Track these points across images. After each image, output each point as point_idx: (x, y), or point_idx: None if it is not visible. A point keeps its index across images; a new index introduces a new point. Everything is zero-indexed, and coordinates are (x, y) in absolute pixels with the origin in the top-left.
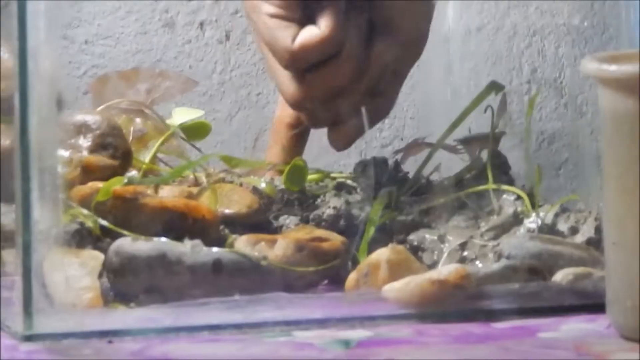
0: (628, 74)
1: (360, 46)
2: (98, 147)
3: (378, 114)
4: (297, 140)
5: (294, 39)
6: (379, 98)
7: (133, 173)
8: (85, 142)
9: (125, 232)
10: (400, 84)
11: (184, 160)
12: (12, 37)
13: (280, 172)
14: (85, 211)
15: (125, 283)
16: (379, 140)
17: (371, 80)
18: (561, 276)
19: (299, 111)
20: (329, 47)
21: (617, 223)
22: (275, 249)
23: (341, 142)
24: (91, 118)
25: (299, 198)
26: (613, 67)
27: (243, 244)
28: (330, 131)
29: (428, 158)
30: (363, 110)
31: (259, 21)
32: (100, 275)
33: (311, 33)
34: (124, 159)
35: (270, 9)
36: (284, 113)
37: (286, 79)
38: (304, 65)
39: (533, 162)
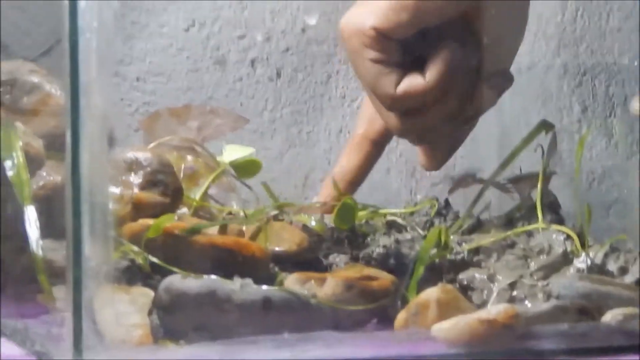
0: None
1: (464, 91)
2: (149, 184)
3: (467, 133)
4: (376, 155)
5: (396, 85)
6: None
7: (183, 210)
8: (136, 179)
9: (175, 269)
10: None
11: (234, 197)
12: (63, 74)
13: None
14: (135, 248)
15: (174, 320)
16: (429, 178)
17: (473, 115)
18: (610, 316)
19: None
20: (432, 96)
21: None
22: (324, 287)
23: (436, 163)
24: (142, 155)
25: (348, 236)
26: None
27: (292, 282)
28: (423, 152)
29: (478, 196)
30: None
31: (361, 66)
32: (150, 313)
33: (415, 82)
34: (175, 196)
35: (373, 54)
36: (371, 129)
37: (389, 115)
38: (405, 109)
39: (583, 202)
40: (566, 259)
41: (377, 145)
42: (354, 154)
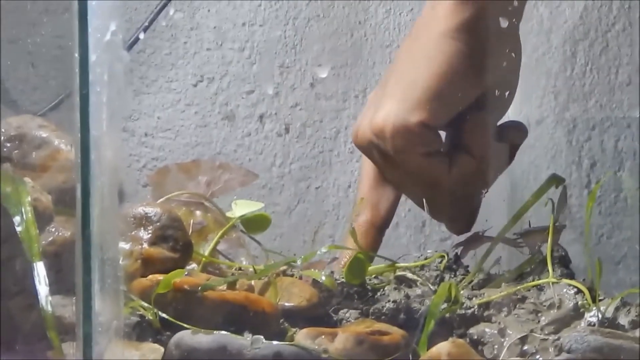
0: None
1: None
2: (158, 239)
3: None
4: (380, 242)
5: (449, 171)
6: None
7: (193, 266)
8: (146, 234)
9: (185, 325)
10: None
11: (244, 253)
12: (73, 129)
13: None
14: (145, 304)
15: None
16: (439, 233)
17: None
18: None
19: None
20: (484, 173)
21: None
22: (335, 342)
23: (461, 228)
24: (152, 210)
25: (358, 291)
26: None
27: (303, 337)
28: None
29: (488, 252)
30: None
31: (412, 162)
32: None
33: (467, 163)
34: (184, 251)
35: (424, 149)
36: (377, 216)
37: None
38: (462, 190)
39: (593, 256)
40: (577, 313)
41: (382, 231)
42: (364, 241)
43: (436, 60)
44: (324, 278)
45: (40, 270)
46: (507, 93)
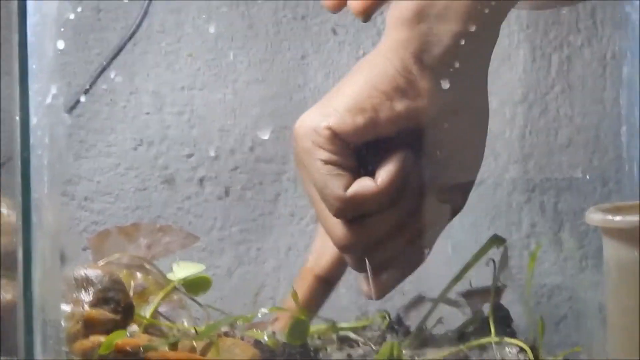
0: (632, 224)
1: (415, 199)
2: (100, 301)
3: (417, 262)
4: (322, 292)
5: (346, 188)
6: (422, 246)
7: (134, 328)
8: (87, 296)
9: None
10: (441, 230)
11: (185, 314)
12: (14, 193)
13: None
14: None
15: None
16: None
17: (421, 230)
18: None
19: (345, 254)
20: (382, 201)
21: None
22: None
23: (379, 290)
24: (93, 273)
25: (301, 352)
26: (617, 218)
27: None
28: (366, 278)
29: (430, 311)
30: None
31: (312, 166)
32: None
33: (366, 185)
34: (126, 313)
35: (325, 155)
36: (317, 264)
37: (334, 223)
38: (353, 214)
39: (534, 316)
40: None
41: (323, 282)
42: (300, 287)
43: (362, 74)
44: (266, 339)
45: None
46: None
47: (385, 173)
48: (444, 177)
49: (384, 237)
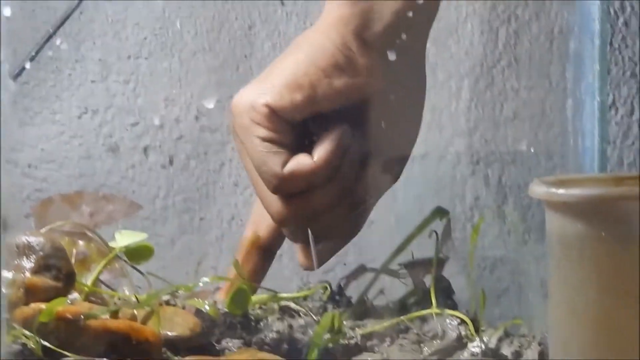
0: (576, 197)
1: (352, 173)
2: (42, 268)
3: (352, 232)
4: (261, 262)
5: (283, 165)
6: (358, 217)
7: (75, 295)
8: (29, 263)
9: (67, 354)
10: (377, 200)
11: (126, 283)
12: None
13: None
14: (27, 332)
15: None
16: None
17: (357, 202)
18: None
19: (283, 228)
20: (319, 178)
21: (563, 347)
22: None
23: (316, 261)
24: (35, 240)
25: (242, 321)
26: (561, 191)
27: None
28: (302, 249)
29: (371, 282)
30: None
31: (249, 143)
32: None
33: (303, 162)
34: (67, 280)
35: (263, 132)
36: (254, 234)
37: (272, 199)
38: (291, 191)
39: (476, 288)
40: (460, 343)
41: (266, 251)
42: (240, 256)
43: (301, 51)
44: (207, 308)
45: None
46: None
47: (322, 150)
48: (382, 150)
49: (321, 210)
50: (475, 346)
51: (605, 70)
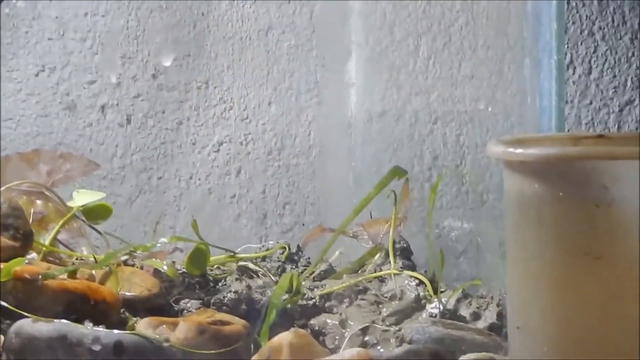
0: (534, 156)
1: None
2: None
3: None
4: None
5: None
6: None
7: (33, 255)
8: None
9: (25, 314)
10: None
11: (84, 242)
12: None
13: None
14: None
15: None
16: (280, 226)
17: None
18: None
19: None
20: None
21: (521, 307)
22: (176, 332)
23: None
24: None
25: (200, 282)
26: (519, 150)
27: (144, 326)
28: None
29: (330, 243)
30: None
31: None
32: None
33: None
34: (25, 240)
35: None
36: None
37: None
38: None
39: (435, 249)
40: (418, 304)
41: None
42: None
43: None
44: (165, 268)
45: None
46: None
47: None
48: None
49: None
50: (433, 307)
51: (563, 29)
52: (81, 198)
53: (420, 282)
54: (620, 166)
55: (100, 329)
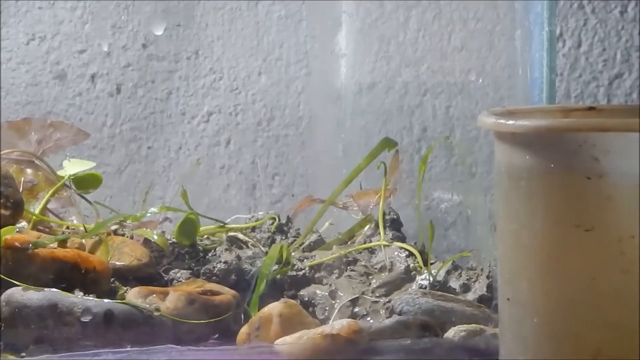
0: (524, 128)
1: None
2: None
3: None
4: None
5: None
6: None
7: (23, 224)
8: None
9: (15, 282)
10: None
11: (74, 211)
12: None
13: None
14: None
15: (16, 333)
16: (269, 196)
17: None
18: (453, 333)
19: None
20: None
21: (511, 279)
22: (166, 302)
23: None
24: None
25: (190, 252)
26: (509, 122)
27: (134, 295)
28: None
29: (320, 214)
30: None
31: None
32: None
33: None
34: (15, 208)
35: None
36: None
37: None
38: None
39: (424, 220)
40: (408, 275)
41: None
42: None
43: None
44: (155, 237)
45: None
46: None
47: None
48: None
49: None
50: (423, 279)
51: (554, 1)
52: (71, 167)
53: (410, 254)
54: (611, 138)
55: (91, 298)
